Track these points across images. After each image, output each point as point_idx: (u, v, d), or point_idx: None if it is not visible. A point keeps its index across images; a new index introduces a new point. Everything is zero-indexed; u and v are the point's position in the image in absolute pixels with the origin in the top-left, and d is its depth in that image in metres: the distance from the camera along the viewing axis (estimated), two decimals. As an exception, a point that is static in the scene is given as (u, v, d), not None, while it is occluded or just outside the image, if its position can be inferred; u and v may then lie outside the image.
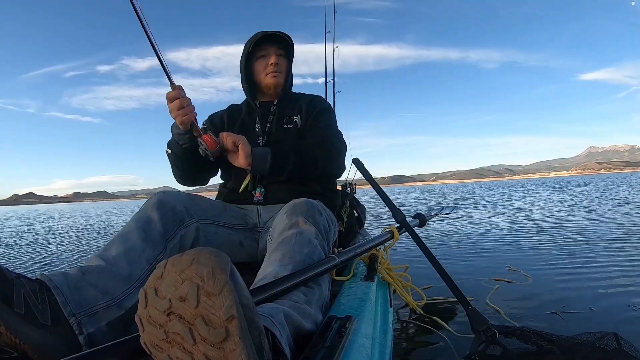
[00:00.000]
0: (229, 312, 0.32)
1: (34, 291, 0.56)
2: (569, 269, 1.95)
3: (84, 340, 0.58)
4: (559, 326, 1.18)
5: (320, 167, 1.01)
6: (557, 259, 2.18)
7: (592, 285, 1.62)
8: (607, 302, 1.39)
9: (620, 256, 2.17)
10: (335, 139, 1.09)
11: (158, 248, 0.76)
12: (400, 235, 1.13)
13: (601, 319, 1.23)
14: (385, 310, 0.88)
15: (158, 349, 0.34)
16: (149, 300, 0.34)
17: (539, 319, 1.25)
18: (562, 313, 1.28)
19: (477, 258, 2.38)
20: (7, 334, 0.51)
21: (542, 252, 2.44)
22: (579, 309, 1.32)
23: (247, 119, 1.17)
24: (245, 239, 1.02)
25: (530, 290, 1.59)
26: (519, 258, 2.29)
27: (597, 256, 2.21)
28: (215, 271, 0.32)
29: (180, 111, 0.90)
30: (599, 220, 3.87)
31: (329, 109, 1.19)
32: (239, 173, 1.09)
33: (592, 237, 2.88)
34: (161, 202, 0.82)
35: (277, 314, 0.50)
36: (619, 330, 0.76)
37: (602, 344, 0.74)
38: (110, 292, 0.64)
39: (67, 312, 0.58)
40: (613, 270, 1.86)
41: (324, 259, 0.72)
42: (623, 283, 1.63)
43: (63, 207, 49.96)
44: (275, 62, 1.12)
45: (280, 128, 1.12)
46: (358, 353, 0.51)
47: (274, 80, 1.13)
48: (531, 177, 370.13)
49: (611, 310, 1.30)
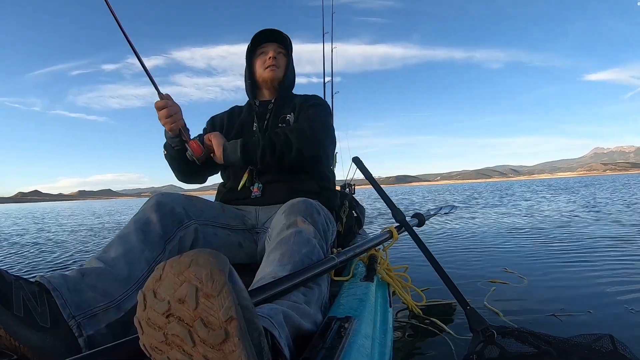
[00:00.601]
0: (228, 313, 0.32)
1: (33, 293, 0.56)
2: (566, 270, 1.95)
3: (83, 343, 0.58)
4: (557, 328, 1.18)
5: (294, 148, 1.00)
6: (552, 260, 2.19)
7: (590, 287, 1.63)
8: (605, 304, 1.39)
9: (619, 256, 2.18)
10: (314, 122, 1.07)
11: (157, 249, 0.76)
12: (399, 236, 1.13)
13: (599, 321, 1.23)
14: (385, 311, 0.88)
15: (157, 351, 0.34)
16: (147, 302, 0.34)
17: (537, 320, 1.26)
18: (560, 315, 1.28)
19: (476, 258, 2.38)
20: (6, 337, 0.51)
21: (538, 252, 2.45)
22: (577, 310, 1.32)
23: (246, 118, 1.19)
24: (244, 240, 1.02)
25: (527, 292, 1.59)
26: (514, 259, 2.29)
27: (594, 257, 2.21)
28: (213, 272, 0.32)
29: (169, 119, 0.96)
30: (602, 221, 3.88)
31: (321, 104, 1.19)
32: (237, 172, 1.12)
33: (593, 238, 2.88)
34: (160, 204, 0.83)
35: (276, 314, 0.50)
36: (616, 332, 0.76)
37: (598, 345, 0.74)
38: (110, 294, 0.64)
39: (67, 314, 0.58)
40: (611, 271, 1.87)
41: (323, 259, 0.72)
42: (621, 282, 1.64)
43: (69, 205, 49.92)
44: (273, 55, 1.16)
45: (275, 126, 1.14)
46: (358, 353, 0.51)
47: (271, 74, 1.16)
48: (536, 178, 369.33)
49: (609, 312, 1.31)
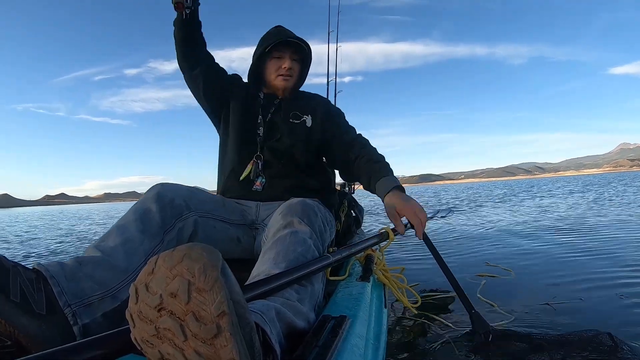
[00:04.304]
0: (220, 308, 0.32)
1: (30, 280, 0.57)
2: (550, 260, 2.05)
3: (78, 331, 0.58)
4: (553, 316, 1.24)
5: None
6: (537, 252, 2.28)
7: (576, 275, 1.70)
8: (594, 290, 1.46)
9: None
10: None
11: (155, 240, 0.77)
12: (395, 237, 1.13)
13: (592, 308, 1.29)
14: (380, 311, 0.88)
15: (149, 344, 0.34)
16: (139, 295, 0.34)
17: (533, 311, 1.29)
18: (552, 303, 1.34)
19: (461, 254, 2.42)
20: (1, 322, 0.51)
21: (521, 246, 2.53)
22: (569, 299, 1.39)
23: (250, 105, 1.16)
24: (242, 235, 1.02)
25: (517, 283, 1.64)
26: (497, 253, 2.36)
27: (576, 247, 2.32)
28: (206, 267, 0.32)
29: None
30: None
31: (342, 114, 1.24)
32: (244, 156, 1.10)
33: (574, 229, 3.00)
34: (160, 195, 0.83)
35: (268, 310, 0.50)
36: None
37: (597, 341, 0.75)
38: (106, 284, 0.65)
39: (63, 302, 0.58)
40: (596, 259, 1.97)
41: (318, 258, 0.72)
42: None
43: (97, 207, 50.59)
44: (289, 66, 1.11)
45: (286, 122, 1.13)
46: (351, 353, 0.51)
47: (283, 83, 1.13)
48: (562, 175, 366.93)
49: (599, 300, 1.37)
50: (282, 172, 1.08)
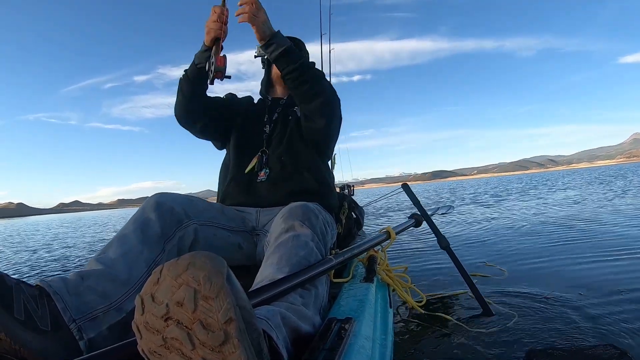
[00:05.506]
0: (227, 314, 0.32)
1: (33, 297, 0.57)
2: (542, 256, 2.06)
3: (84, 346, 0.58)
4: (553, 309, 1.25)
5: (321, 90, 1.04)
6: (528, 251, 2.27)
7: (570, 271, 1.71)
8: (595, 286, 1.46)
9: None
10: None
11: (156, 250, 0.76)
12: (397, 236, 1.13)
13: (589, 301, 1.30)
14: (385, 311, 0.88)
15: (156, 355, 0.34)
16: (145, 306, 0.34)
17: (532, 306, 1.30)
18: (550, 298, 1.35)
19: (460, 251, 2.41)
20: (7, 340, 0.51)
21: (514, 244, 2.53)
22: (567, 292, 1.39)
23: (258, 108, 1.25)
24: (243, 241, 1.01)
25: (511, 280, 1.64)
26: (492, 252, 2.35)
27: (565, 243, 2.33)
28: (211, 274, 0.32)
29: (217, 24, 0.94)
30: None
31: None
32: (249, 155, 1.13)
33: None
34: (159, 204, 0.82)
35: (273, 316, 0.50)
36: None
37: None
38: (110, 296, 0.65)
39: (67, 317, 0.58)
40: (588, 254, 1.98)
41: (321, 261, 0.72)
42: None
43: (112, 213, 50.14)
44: None
45: (285, 118, 1.19)
46: (358, 355, 0.51)
47: (284, 86, 1.21)
48: (575, 167, 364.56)
49: (597, 293, 1.38)
50: (283, 172, 1.09)
